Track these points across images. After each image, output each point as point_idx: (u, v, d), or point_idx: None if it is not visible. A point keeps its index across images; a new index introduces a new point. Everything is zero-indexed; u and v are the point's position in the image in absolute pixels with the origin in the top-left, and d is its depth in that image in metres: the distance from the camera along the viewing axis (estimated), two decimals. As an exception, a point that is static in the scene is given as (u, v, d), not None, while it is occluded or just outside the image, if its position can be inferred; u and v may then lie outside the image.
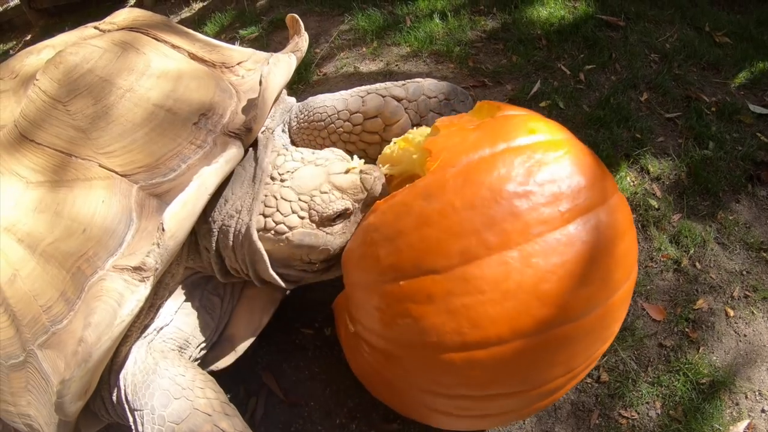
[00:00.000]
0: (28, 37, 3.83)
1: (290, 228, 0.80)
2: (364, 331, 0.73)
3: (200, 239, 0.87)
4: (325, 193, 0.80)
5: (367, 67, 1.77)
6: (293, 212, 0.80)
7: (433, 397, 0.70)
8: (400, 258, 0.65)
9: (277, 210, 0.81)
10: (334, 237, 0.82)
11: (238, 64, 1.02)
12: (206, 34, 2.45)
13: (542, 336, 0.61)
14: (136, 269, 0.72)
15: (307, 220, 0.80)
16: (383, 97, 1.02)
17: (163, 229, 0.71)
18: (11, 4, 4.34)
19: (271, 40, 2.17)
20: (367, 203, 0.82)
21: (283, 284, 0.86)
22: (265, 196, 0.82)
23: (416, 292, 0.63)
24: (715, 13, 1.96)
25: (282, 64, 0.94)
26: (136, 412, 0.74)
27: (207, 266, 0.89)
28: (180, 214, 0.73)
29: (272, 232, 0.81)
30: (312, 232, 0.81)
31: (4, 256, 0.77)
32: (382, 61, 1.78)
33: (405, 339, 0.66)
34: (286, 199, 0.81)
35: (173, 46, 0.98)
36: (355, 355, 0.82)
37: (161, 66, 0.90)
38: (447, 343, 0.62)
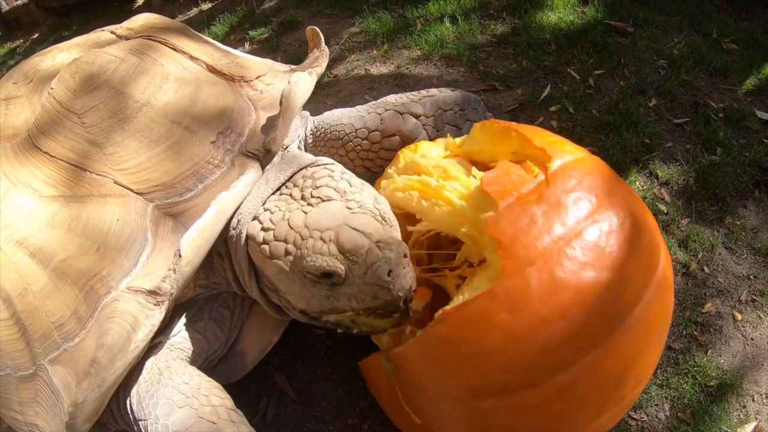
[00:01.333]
0: (35, 36, 3.88)
1: (272, 255, 0.73)
2: (439, 431, 0.71)
3: (215, 254, 0.86)
4: (323, 241, 0.69)
5: (378, 69, 1.81)
6: (285, 241, 0.72)
7: None
8: (487, 378, 0.62)
9: (274, 230, 0.74)
10: (313, 295, 0.73)
11: (257, 78, 1.02)
12: (215, 35, 2.50)
13: (617, 406, 0.67)
14: (152, 293, 0.72)
15: (290, 259, 0.71)
16: (401, 114, 1.03)
17: (180, 255, 0.71)
18: (18, 2, 4.40)
19: (281, 41, 2.21)
20: (368, 282, 0.67)
21: (265, 306, 0.84)
22: (278, 209, 0.76)
23: (510, 406, 0.62)
24: (722, 20, 2.00)
25: (302, 83, 0.92)
26: (140, 422, 0.76)
27: (222, 281, 0.89)
28: (197, 241, 0.73)
29: (259, 247, 0.75)
30: (289, 274, 0.72)
31: (16, 269, 0.77)
32: (392, 63, 1.82)
33: None
34: (290, 224, 0.73)
35: (191, 57, 0.98)
36: (412, 428, 0.77)
37: (179, 80, 0.89)
38: None
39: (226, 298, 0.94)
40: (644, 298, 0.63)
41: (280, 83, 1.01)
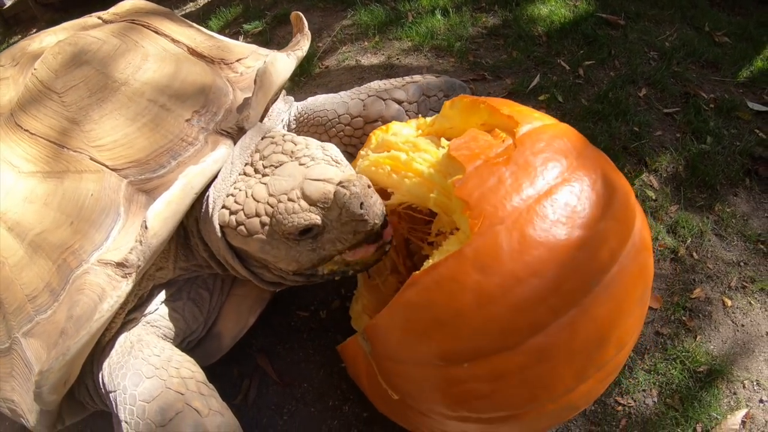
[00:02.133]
0: (34, 32, 3.96)
1: (250, 233, 0.75)
2: (417, 404, 0.71)
3: (190, 233, 0.88)
4: (293, 201, 0.72)
5: (369, 60, 1.85)
6: (256, 215, 0.74)
7: None
8: (461, 342, 0.61)
9: (243, 209, 0.76)
10: (300, 253, 0.75)
11: (237, 60, 1.04)
12: (210, 28, 2.55)
13: (601, 372, 0.66)
14: (119, 265, 0.73)
15: (268, 227, 0.74)
16: (384, 100, 1.05)
17: (146, 227, 0.72)
18: None
19: (275, 35, 2.25)
20: (345, 222, 0.72)
21: (260, 284, 0.86)
22: (239, 190, 0.78)
23: (486, 370, 0.61)
24: (714, 14, 2.04)
25: (279, 63, 0.93)
26: (111, 394, 0.76)
27: (201, 262, 0.91)
28: (164, 213, 0.74)
29: (235, 230, 0.77)
30: (273, 242, 0.74)
31: None
32: (383, 54, 1.85)
33: (474, 414, 0.65)
34: (255, 199, 0.75)
35: (173, 40, 1.01)
36: (393, 409, 0.79)
37: (158, 60, 0.92)
38: (519, 409, 0.63)
39: (205, 279, 0.95)
40: (620, 258, 0.63)
41: (259, 65, 1.03)
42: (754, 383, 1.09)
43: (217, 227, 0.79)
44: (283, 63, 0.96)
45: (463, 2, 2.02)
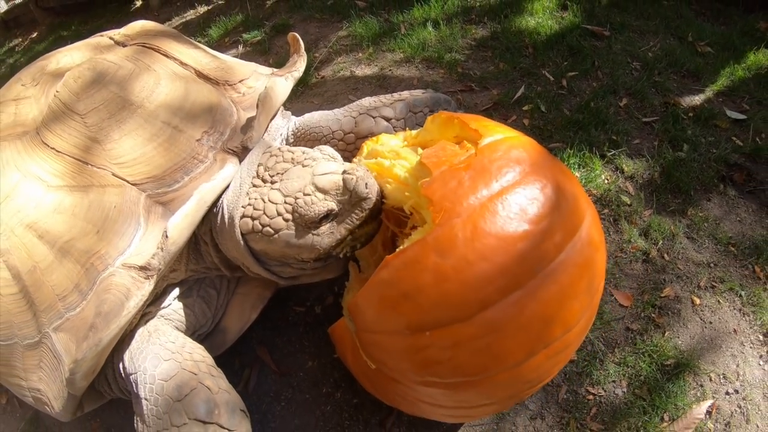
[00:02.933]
0: (34, 35, 4.14)
1: (276, 231, 0.89)
2: (391, 372, 0.83)
3: (201, 241, 1.01)
4: (308, 195, 0.87)
5: (363, 71, 2.00)
6: (278, 215, 0.88)
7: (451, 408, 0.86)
8: (423, 313, 0.73)
9: (264, 213, 0.89)
10: (322, 238, 0.90)
11: (240, 81, 1.16)
12: (210, 37, 2.72)
13: (548, 349, 0.77)
14: (142, 268, 0.86)
15: (292, 223, 0.88)
16: (374, 118, 1.18)
17: (166, 236, 0.86)
18: (17, 1, 4.68)
19: (273, 44, 2.41)
20: (354, 203, 0.89)
21: (278, 281, 1.00)
22: (255, 199, 0.92)
23: (444, 339, 0.73)
24: (699, 24, 2.18)
25: (278, 87, 1.07)
26: (131, 376, 0.89)
27: (210, 265, 1.04)
28: (181, 225, 0.88)
29: (260, 234, 0.90)
30: (297, 234, 0.88)
31: (26, 249, 0.91)
32: (376, 66, 2.00)
33: (436, 378, 0.77)
34: (272, 202, 0.89)
35: (181, 63, 1.13)
36: (373, 380, 0.92)
37: (170, 84, 1.04)
38: (473, 376, 0.75)
39: (213, 279, 1.09)
40: (565, 249, 0.76)
41: (260, 87, 1.16)
42: (721, 376, 1.21)
43: (239, 236, 0.92)
44: (282, 87, 1.10)
45: (454, 14, 2.18)
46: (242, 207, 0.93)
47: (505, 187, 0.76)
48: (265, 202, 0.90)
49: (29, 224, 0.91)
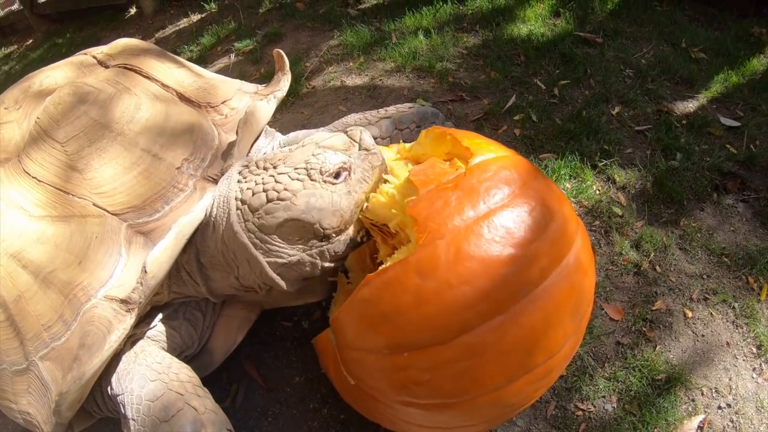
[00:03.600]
0: (30, 42, 4.21)
1: (293, 192, 0.86)
2: (370, 389, 0.84)
3: (182, 270, 1.01)
4: (318, 154, 0.88)
5: (353, 81, 2.03)
6: (292, 179, 0.87)
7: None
8: (402, 334, 0.74)
9: (275, 181, 0.87)
10: (340, 197, 0.87)
11: (222, 102, 1.18)
12: (203, 45, 2.77)
13: (530, 374, 0.78)
14: (123, 302, 0.88)
15: (308, 181, 0.86)
16: None
17: (145, 271, 0.87)
18: (13, 8, 4.77)
19: (265, 53, 2.45)
20: (363, 158, 0.90)
21: (281, 284, 0.94)
22: (262, 178, 0.89)
23: (422, 361, 0.74)
24: (692, 30, 2.21)
25: (259, 111, 1.09)
26: (119, 397, 0.91)
27: (191, 291, 1.05)
28: (160, 258, 0.89)
29: (275, 201, 0.86)
30: (316, 192, 0.86)
31: (11, 279, 0.93)
32: (367, 75, 2.03)
33: (414, 399, 0.78)
34: (282, 173, 0.88)
35: (163, 85, 1.14)
36: (353, 395, 0.92)
37: (150, 110, 1.05)
38: (452, 398, 0.76)
39: (198, 302, 1.11)
40: (551, 276, 0.75)
41: (243, 108, 1.17)
42: (713, 390, 1.22)
43: (238, 228, 0.88)
44: (264, 109, 1.12)
45: (446, 22, 2.21)
46: (249, 190, 0.90)
47: (492, 209, 0.76)
48: (275, 176, 0.89)
49: (13, 254, 0.93)
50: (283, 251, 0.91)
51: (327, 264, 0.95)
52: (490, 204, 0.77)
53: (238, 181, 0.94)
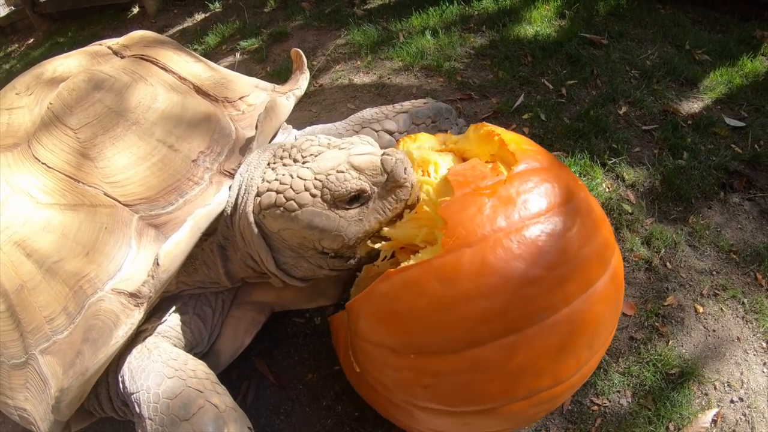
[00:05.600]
0: (31, 41, 4.23)
1: (300, 205, 0.83)
2: (372, 380, 0.84)
3: (196, 255, 0.99)
4: (342, 172, 0.82)
5: (361, 79, 2.07)
6: (306, 190, 0.83)
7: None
8: (411, 335, 0.73)
9: (290, 187, 0.84)
10: (349, 223, 0.84)
11: (240, 98, 1.16)
12: (207, 44, 2.80)
13: (532, 398, 0.76)
14: (132, 295, 0.85)
15: (319, 199, 0.83)
16: (377, 131, 1.20)
17: (158, 264, 0.84)
18: (13, 8, 4.79)
19: (271, 52, 2.49)
20: (389, 189, 0.84)
21: (286, 280, 0.96)
22: (282, 174, 0.87)
23: (426, 366, 0.73)
24: (696, 32, 2.28)
25: (278, 108, 1.06)
26: (133, 395, 0.88)
27: (203, 277, 1.04)
28: (173, 252, 0.86)
29: (281, 208, 0.84)
30: (323, 213, 0.83)
31: (14, 267, 0.90)
32: (375, 74, 2.07)
33: (413, 399, 0.78)
34: (301, 178, 0.85)
35: (180, 78, 1.12)
36: (356, 380, 0.93)
37: (167, 100, 1.03)
38: (451, 407, 0.76)
39: (208, 297, 1.10)
40: (574, 302, 0.73)
41: (260, 105, 1.17)
42: (725, 384, 1.25)
43: (252, 219, 0.88)
44: (283, 106, 1.11)
45: (453, 22, 2.26)
46: (267, 182, 0.89)
47: (526, 224, 0.73)
48: (293, 178, 0.86)
49: (17, 242, 0.91)
50: (284, 250, 0.92)
51: (326, 272, 0.94)
52: (525, 218, 0.74)
53: (267, 166, 0.93)
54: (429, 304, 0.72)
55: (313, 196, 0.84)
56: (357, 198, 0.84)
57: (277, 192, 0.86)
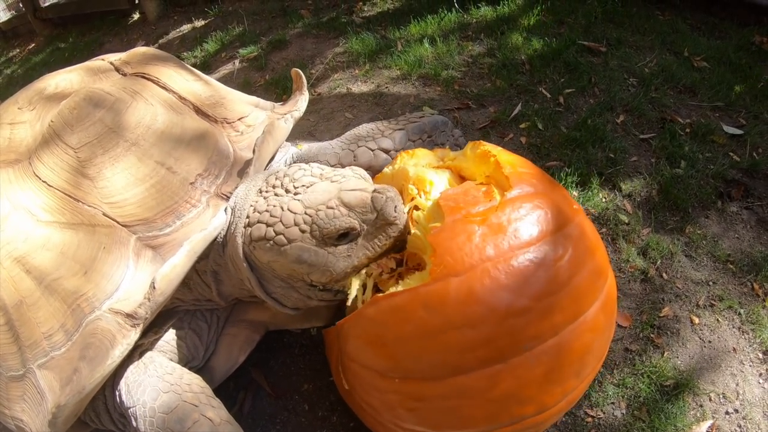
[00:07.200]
0: (32, 46, 4.30)
1: (289, 241, 0.85)
2: (360, 400, 0.86)
3: (191, 276, 1.01)
4: (331, 208, 0.83)
5: (359, 88, 2.10)
6: (295, 224, 0.85)
7: None
8: (396, 361, 0.75)
9: (280, 221, 0.86)
10: (337, 259, 0.85)
11: (239, 119, 1.18)
12: (207, 52, 2.84)
13: (515, 425, 0.76)
14: (129, 316, 0.88)
15: (308, 235, 0.84)
16: (372, 150, 1.21)
17: (154, 287, 0.87)
18: (15, 13, 4.86)
19: (269, 60, 2.52)
20: (379, 226, 0.85)
21: (278, 308, 0.98)
22: (273, 206, 0.89)
23: (412, 390, 0.75)
24: (695, 39, 2.29)
25: (276, 131, 1.09)
26: (129, 410, 0.91)
27: (197, 295, 1.07)
28: (170, 276, 0.89)
29: (271, 242, 0.86)
30: (311, 249, 0.84)
31: (13, 283, 0.93)
32: (373, 83, 2.10)
33: (399, 421, 0.80)
34: (292, 211, 0.86)
35: (180, 98, 1.14)
36: (346, 396, 0.96)
37: (166, 121, 1.05)
38: (435, 430, 0.77)
39: (203, 312, 1.12)
40: (562, 332, 0.73)
41: (259, 126, 1.18)
42: (720, 396, 1.26)
43: (240, 250, 0.91)
44: (281, 129, 1.13)
45: (451, 30, 2.29)
46: (258, 213, 0.90)
47: (515, 253, 0.73)
48: (283, 210, 0.87)
49: (17, 258, 0.93)
50: (274, 280, 0.94)
51: (316, 303, 0.96)
52: (515, 247, 0.74)
53: (258, 194, 0.95)
54: (415, 330, 0.73)
55: (302, 231, 0.85)
56: (346, 235, 0.85)
57: (267, 225, 0.88)
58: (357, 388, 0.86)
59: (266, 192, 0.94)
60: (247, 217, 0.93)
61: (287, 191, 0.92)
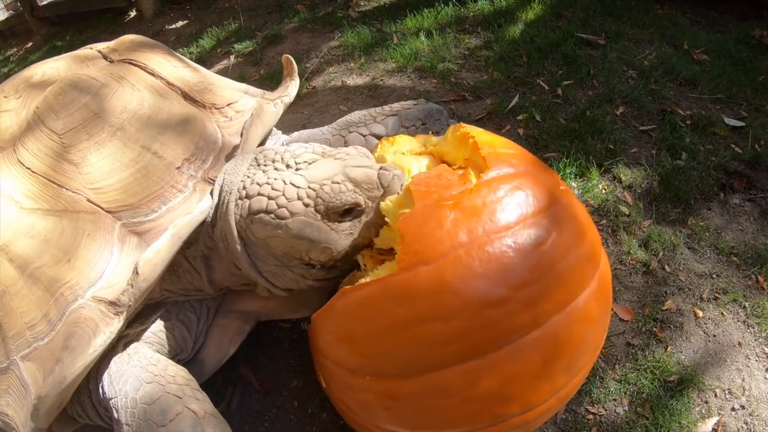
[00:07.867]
0: (29, 45, 4.28)
1: (292, 214, 0.81)
2: (336, 399, 0.83)
3: (180, 262, 0.99)
4: (337, 183, 0.80)
5: (354, 81, 2.07)
6: (299, 198, 0.81)
7: None
8: (366, 357, 0.71)
9: (283, 194, 0.82)
10: (339, 236, 0.82)
11: (228, 105, 1.16)
12: (203, 48, 2.82)
13: (499, 425, 0.71)
14: (112, 303, 0.85)
15: (312, 209, 0.81)
16: (364, 136, 1.18)
17: (137, 273, 0.84)
18: (12, 12, 4.86)
19: (265, 55, 2.50)
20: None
21: (270, 289, 0.95)
22: (274, 179, 0.85)
23: (382, 389, 0.70)
24: (694, 32, 2.27)
25: (265, 115, 1.07)
26: (111, 401, 0.88)
27: (186, 284, 1.04)
28: (153, 261, 0.86)
29: (272, 215, 0.82)
30: (315, 224, 0.81)
31: None
32: (368, 76, 2.07)
33: (375, 420, 0.75)
34: (294, 185, 0.82)
35: (168, 83, 1.12)
36: (327, 393, 0.90)
37: (153, 106, 1.03)
38: (412, 430, 0.72)
39: (192, 304, 1.09)
40: (547, 324, 0.67)
41: (248, 112, 1.16)
42: (726, 392, 1.21)
43: (234, 225, 0.87)
44: (270, 113, 1.10)
45: (447, 23, 2.26)
46: (257, 184, 0.86)
47: (491, 238, 0.67)
48: (285, 184, 0.83)
49: (0, 246, 0.92)
50: (267, 259, 0.91)
51: (310, 283, 0.93)
52: (490, 231, 0.67)
53: (250, 166, 0.91)
54: (384, 324, 0.68)
55: (306, 205, 0.81)
56: (350, 211, 0.83)
57: (269, 197, 0.84)
58: (332, 387, 0.82)
59: (265, 165, 0.90)
60: (244, 188, 0.88)
61: (288, 166, 0.88)
